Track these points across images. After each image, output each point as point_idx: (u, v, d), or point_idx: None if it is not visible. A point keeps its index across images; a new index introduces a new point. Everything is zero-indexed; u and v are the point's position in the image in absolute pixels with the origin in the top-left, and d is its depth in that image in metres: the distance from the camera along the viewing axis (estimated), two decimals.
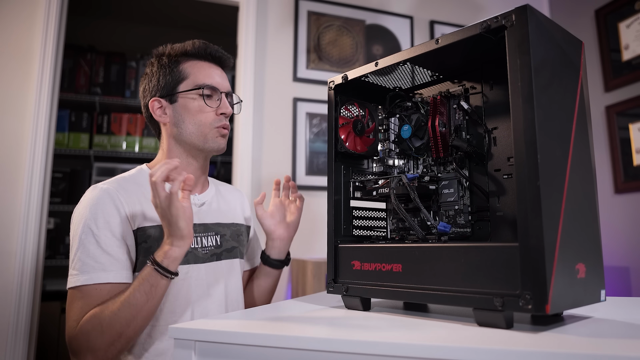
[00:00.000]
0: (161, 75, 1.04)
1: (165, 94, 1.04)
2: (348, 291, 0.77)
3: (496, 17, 0.61)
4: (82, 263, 0.88)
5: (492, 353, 0.47)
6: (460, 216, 0.79)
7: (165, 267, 0.84)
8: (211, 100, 1.03)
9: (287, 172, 2.11)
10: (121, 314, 0.83)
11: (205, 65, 1.06)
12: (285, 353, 0.56)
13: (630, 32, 2.19)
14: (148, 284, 0.84)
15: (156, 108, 1.04)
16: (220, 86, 1.05)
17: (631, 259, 2.13)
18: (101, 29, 3.30)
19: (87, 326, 0.84)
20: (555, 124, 0.60)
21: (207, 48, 1.06)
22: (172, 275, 0.85)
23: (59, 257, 2.65)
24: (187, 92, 1.02)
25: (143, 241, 0.94)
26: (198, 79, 1.03)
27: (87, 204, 0.93)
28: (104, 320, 0.83)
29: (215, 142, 1.04)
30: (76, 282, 0.88)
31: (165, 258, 0.84)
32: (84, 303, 0.87)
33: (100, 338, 0.83)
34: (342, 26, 2.31)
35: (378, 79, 0.86)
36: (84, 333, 0.84)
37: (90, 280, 0.87)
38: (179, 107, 1.03)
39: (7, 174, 1.77)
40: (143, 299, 0.84)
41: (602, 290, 0.63)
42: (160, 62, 1.05)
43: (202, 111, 1.02)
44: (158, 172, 0.82)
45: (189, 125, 1.02)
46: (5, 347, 1.67)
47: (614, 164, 2.23)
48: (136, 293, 0.84)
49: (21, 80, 1.83)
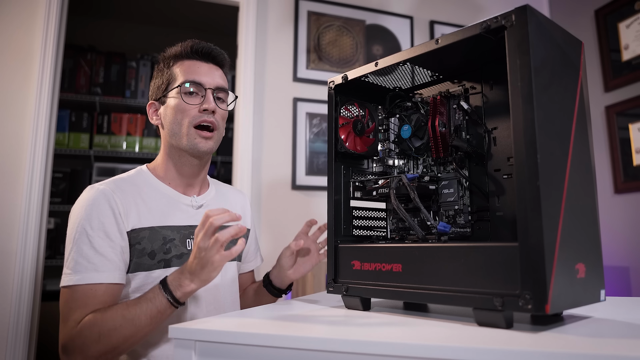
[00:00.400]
0: (157, 79, 1.07)
1: (157, 97, 1.06)
2: (348, 291, 0.77)
3: (496, 18, 0.61)
4: (76, 262, 0.89)
5: (492, 353, 0.47)
6: (460, 216, 0.79)
7: (177, 298, 0.84)
8: (192, 97, 1.01)
9: (287, 172, 2.11)
10: (122, 330, 0.83)
11: (192, 63, 1.04)
12: (285, 353, 0.56)
13: (630, 32, 2.19)
14: (155, 309, 0.84)
15: (151, 112, 1.07)
16: (205, 82, 1.02)
17: (631, 259, 2.13)
18: (101, 29, 3.30)
19: (86, 332, 0.84)
20: (555, 124, 0.60)
21: (194, 46, 1.04)
22: (179, 306, 0.85)
23: (59, 257, 2.65)
24: (171, 92, 1.03)
25: (137, 242, 0.94)
26: (181, 78, 1.02)
27: (82, 205, 0.93)
28: (103, 330, 0.83)
29: (192, 143, 1.00)
30: (69, 282, 0.88)
31: (179, 289, 0.83)
32: (81, 304, 0.87)
33: (95, 346, 0.83)
34: (342, 26, 2.31)
35: (378, 79, 0.86)
36: (81, 337, 0.84)
37: (83, 280, 0.88)
38: (166, 108, 1.04)
39: (7, 174, 1.77)
40: (147, 321, 0.84)
41: (602, 290, 0.63)
42: (158, 66, 1.08)
43: (183, 109, 1.00)
44: (220, 216, 0.79)
45: (172, 126, 1.02)
46: (5, 347, 1.67)
47: (613, 164, 2.23)
48: (141, 315, 0.84)
49: (21, 80, 1.83)
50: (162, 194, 1.02)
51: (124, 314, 0.84)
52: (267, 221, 2.05)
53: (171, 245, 0.98)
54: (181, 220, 1.02)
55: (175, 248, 0.98)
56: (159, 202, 1.01)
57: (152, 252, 0.95)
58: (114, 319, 0.84)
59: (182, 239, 1.00)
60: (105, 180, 1.00)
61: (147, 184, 1.02)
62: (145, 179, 1.03)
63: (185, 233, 1.01)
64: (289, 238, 2.08)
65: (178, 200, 1.04)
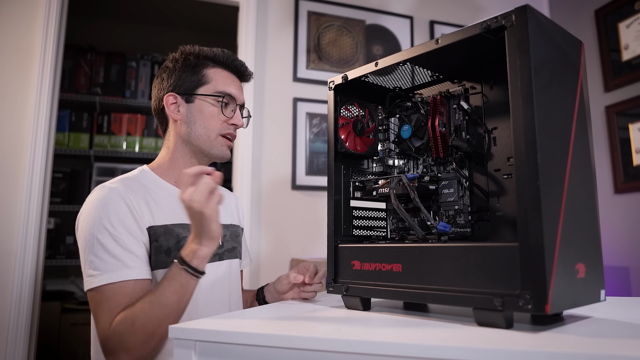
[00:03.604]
0: (184, 73, 1.05)
1: (183, 92, 1.05)
2: (348, 291, 0.77)
3: (496, 18, 0.61)
4: (103, 262, 0.87)
5: (492, 353, 0.47)
6: (460, 216, 0.79)
7: (194, 267, 0.84)
8: (227, 110, 1.05)
9: (287, 172, 2.11)
10: (152, 314, 0.83)
11: (228, 75, 1.08)
12: (285, 353, 0.56)
13: (630, 32, 2.19)
14: (178, 283, 0.84)
15: (170, 103, 1.05)
16: (238, 98, 1.08)
17: (631, 259, 2.13)
18: (101, 29, 3.30)
19: (120, 327, 0.83)
20: (555, 124, 0.60)
21: (234, 60, 1.09)
22: (200, 275, 0.85)
23: (59, 257, 2.65)
24: (207, 96, 1.04)
25: (155, 240, 0.94)
26: (219, 86, 1.05)
27: (97, 204, 0.92)
28: (137, 320, 0.82)
29: (220, 150, 1.06)
30: (99, 282, 0.86)
31: (194, 257, 0.84)
32: (114, 303, 0.86)
33: (133, 338, 0.82)
34: (342, 26, 2.31)
35: (378, 79, 0.86)
36: (117, 334, 0.83)
37: (115, 278, 0.86)
38: (194, 108, 1.04)
39: (7, 174, 1.77)
40: (174, 298, 0.84)
41: (602, 290, 0.63)
42: (187, 61, 1.06)
43: (215, 117, 1.04)
44: (196, 167, 0.82)
45: (199, 128, 1.04)
46: (5, 347, 1.67)
47: (613, 164, 2.23)
48: (166, 292, 0.83)
49: (21, 80, 1.83)
50: (169, 193, 1.02)
51: (151, 299, 0.84)
52: (267, 221, 2.05)
53: (184, 242, 0.98)
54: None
55: None
56: (169, 201, 1.01)
57: (168, 250, 0.95)
58: (142, 307, 0.83)
59: None
60: (112, 179, 0.99)
61: (154, 183, 1.02)
62: (151, 178, 1.03)
63: None
64: (289, 238, 2.08)
65: None
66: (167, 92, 1.05)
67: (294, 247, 2.06)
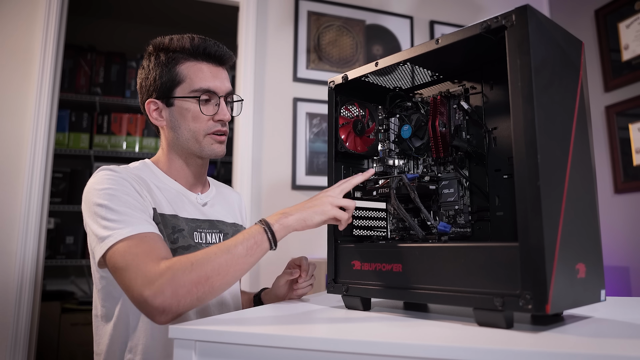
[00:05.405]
0: (157, 75, 1.01)
1: (161, 95, 1.01)
2: (348, 291, 0.77)
3: (496, 17, 0.61)
4: (120, 215, 0.84)
5: (492, 353, 0.47)
6: (460, 216, 0.79)
7: (274, 231, 0.81)
8: (208, 106, 1.00)
9: (287, 172, 2.11)
10: (216, 258, 0.78)
11: (204, 67, 1.02)
12: (285, 353, 0.56)
13: (630, 32, 2.19)
14: (253, 240, 0.80)
15: (152, 110, 1.02)
16: (219, 89, 1.01)
17: (631, 259, 2.13)
18: (101, 29, 3.30)
19: (176, 264, 0.77)
20: (555, 124, 0.60)
21: (206, 47, 1.02)
22: (273, 244, 0.82)
23: (59, 257, 2.65)
24: (184, 98, 1.00)
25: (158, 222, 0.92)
26: (194, 83, 1.00)
27: (101, 180, 0.90)
28: (197, 259, 0.77)
29: (211, 149, 1.02)
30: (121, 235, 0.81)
31: (277, 222, 0.82)
32: (149, 247, 0.81)
33: (187, 275, 0.76)
34: (342, 26, 2.31)
35: (378, 79, 0.86)
36: (170, 270, 0.76)
37: (137, 230, 0.82)
38: (175, 111, 1.01)
39: (7, 174, 1.77)
40: (243, 252, 0.79)
41: (602, 290, 0.63)
42: (158, 59, 1.02)
43: (198, 118, 1.00)
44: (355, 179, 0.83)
45: (184, 132, 1.01)
46: (5, 347, 1.67)
47: (613, 164, 2.23)
48: (237, 245, 0.79)
49: (21, 80, 1.83)
50: (170, 187, 1.02)
51: (219, 246, 0.80)
52: None
53: (179, 235, 0.97)
54: (190, 213, 1.02)
55: (183, 239, 0.98)
56: (169, 193, 1.00)
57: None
58: (206, 250, 0.79)
59: (190, 231, 1.00)
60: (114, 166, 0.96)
61: (155, 175, 1.02)
62: (152, 171, 1.03)
63: (193, 226, 1.01)
64: (289, 238, 2.08)
65: (185, 194, 1.04)
66: (148, 97, 1.02)
67: (293, 247, 2.06)
